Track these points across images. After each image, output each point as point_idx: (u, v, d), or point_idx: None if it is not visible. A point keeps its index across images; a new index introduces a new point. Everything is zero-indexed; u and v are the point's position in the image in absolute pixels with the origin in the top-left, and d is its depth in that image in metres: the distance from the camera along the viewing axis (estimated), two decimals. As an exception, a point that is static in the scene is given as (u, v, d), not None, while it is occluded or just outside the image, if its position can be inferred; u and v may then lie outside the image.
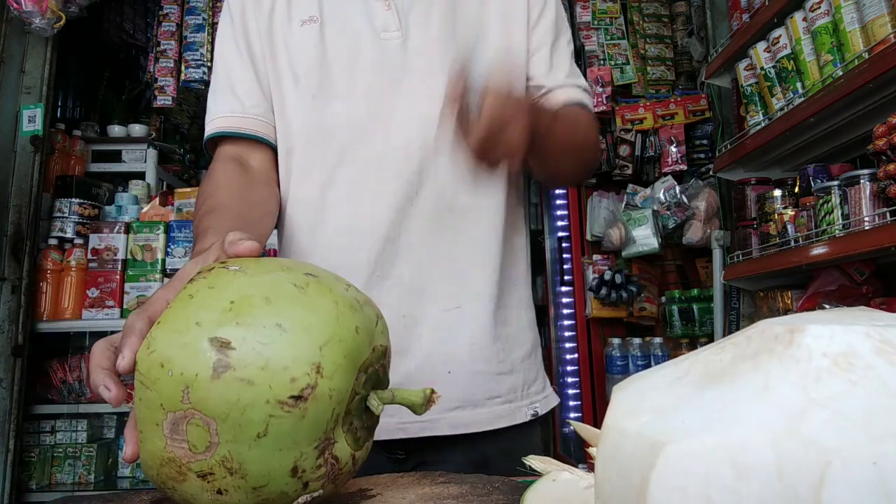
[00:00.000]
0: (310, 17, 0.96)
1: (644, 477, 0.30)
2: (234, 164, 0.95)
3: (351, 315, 0.51)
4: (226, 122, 0.97)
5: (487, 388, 0.94)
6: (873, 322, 0.31)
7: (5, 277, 2.43)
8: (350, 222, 0.93)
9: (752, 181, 2.40)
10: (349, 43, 0.95)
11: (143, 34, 3.58)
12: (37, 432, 2.61)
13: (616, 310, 3.11)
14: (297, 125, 0.97)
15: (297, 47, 0.96)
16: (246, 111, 0.97)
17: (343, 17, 0.96)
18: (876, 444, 0.25)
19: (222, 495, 0.47)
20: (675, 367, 0.36)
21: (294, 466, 0.47)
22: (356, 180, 0.94)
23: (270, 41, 0.98)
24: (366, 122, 0.94)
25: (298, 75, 0.96)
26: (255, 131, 0.97)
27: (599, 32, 3.30)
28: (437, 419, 0.91)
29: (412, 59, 0.95)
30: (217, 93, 0.99)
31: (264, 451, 0.45)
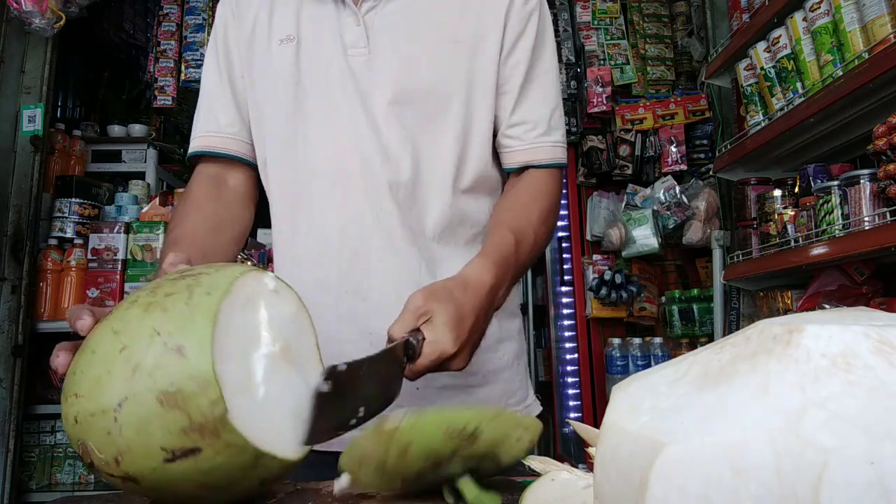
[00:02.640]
0: (287, 36, 0.97)
1: (643, 476, 0.30)
2: (209, 184, 0.99)
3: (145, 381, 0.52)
4: (203, 142, 1.01)
5: (457, 401, 0.95)
6: (872, 322, 0.31)
7: (5, 277, 2.43)
8: (319, 237, 0.95)
9: (752, 181, 2.40)
10: (321, 62, 0.96)
11: (143, 34, 3.58)
12: (37, 432, 2.61)
13: (616, 310, 3.11)
14: (271, 142, 0.99)
15: (274, 66, 0.98)
16: (221, 130, 1.01)
17: (317, 36, 0.97)
18: (874, 444, 0.25)
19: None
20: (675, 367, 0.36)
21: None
22: (325, 196, 0.95)
23: (250, 59, 1.00)
24: (333, 140, 0.95)
25: (273, 95, 0.98)
26: (230, 150, 1.01)
27: (599, 32, 3.30)
28: None
29: (376, 76, 0.94)
30: (199, 111, 1.04)
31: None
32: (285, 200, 0.99)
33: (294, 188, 0.97)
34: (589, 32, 3.28)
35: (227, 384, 0.52)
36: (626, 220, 2.98)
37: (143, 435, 0.51)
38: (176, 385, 0.51)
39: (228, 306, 0.55)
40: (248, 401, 0.53)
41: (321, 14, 0.97)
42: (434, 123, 0.95)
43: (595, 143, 3.15)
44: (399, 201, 0.94)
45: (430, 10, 0.96)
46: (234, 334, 0.55)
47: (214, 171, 1.01)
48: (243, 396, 0.53)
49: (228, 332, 0.54)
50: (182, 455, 0.51)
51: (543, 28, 1.01)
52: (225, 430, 0.51)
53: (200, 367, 0.51)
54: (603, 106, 3.11)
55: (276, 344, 0.58)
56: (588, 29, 3.29)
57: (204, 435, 0.51)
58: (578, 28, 3.30)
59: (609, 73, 3.16)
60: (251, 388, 0.54)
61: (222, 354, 0.53)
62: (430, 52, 0.95)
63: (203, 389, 0.51)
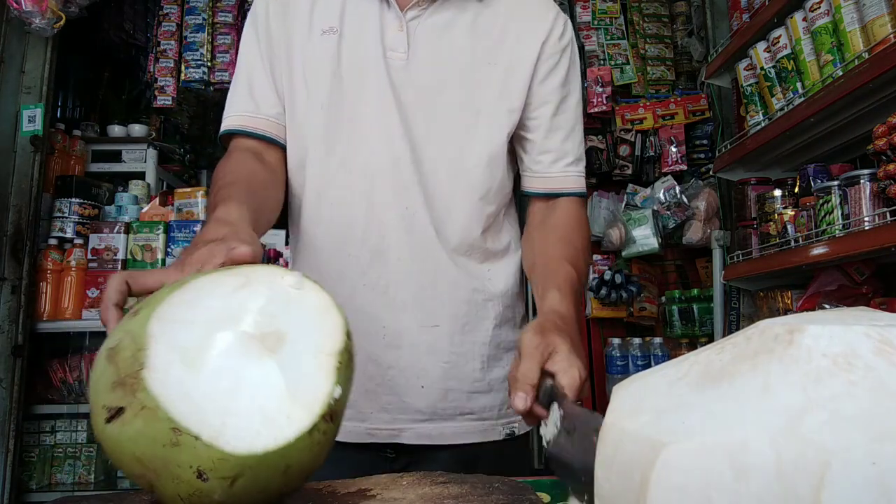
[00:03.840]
0: (330, 28, 0.98)
1: (644, 476, 0.30)
2: (251, 154, 0.97)
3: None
4: (240, 121, 1.00)
5: (458, 405, 0.97)
6: (873, 322, 0.31)
7: (5, 277, 2.43)
8: (343, 229, 0.96)
9: (752, 181, 2.40)
10: (360, 57, 0.98)
11: (143, 34, 3.57)
12: (37, 432, 2.61)
13: (616, 310, 3.11)
14: (306, 130, 0.99)
15: (314, 56, 0.98)
16: (259, 112, 0.99)
17: (360, 31, 0.98)
18: (875, 444, 0.25)
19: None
20: (675, 367, 0.36)
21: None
22: (352, 190, 0.96)
23: (288, 46, 1.00)
24: (365, 135, 0.97)
25: (311, 84, 0.98)
26: (266, 132, 1.00)
27: (599, 32, 3.30)
28: (405, 429, 0.95)
29: (411, 81, 0.97)
30: (236, 92, 1.02)
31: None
32: (311, 191, 0.99)
33: (321, 178, 0.98)
34: (589, 32, 3.28)
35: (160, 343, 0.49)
36: (626, 220, 2.98)
37: (94, 393, 0.51)
38: (117, 340, 0.51)
39: (211, 282, 0.55)
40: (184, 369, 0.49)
41: (366, 10, 0.99)
42: (462, 134, 0.99)
43: (595, 143, 3.15)
44: (424, 203, 0.96)
45: (472, 30, 1.00)
46: (205, 305, 0.53)
47: (253, 147, 0.99)
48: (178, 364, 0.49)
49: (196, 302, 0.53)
50: (113, 415, 0.49)
51: (574, 62, 1.07)
52: (140, 387, 0.47)
53: (140, 323, 0.50)
54: (603, 106, 3.11)
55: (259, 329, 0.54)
56: (588, 29, 3.29)
57: (125, 391, 0.48)
58: (578, 28, 3.30)
59: (609, 73, 3.16)
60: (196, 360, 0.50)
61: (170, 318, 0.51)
62: (465, 70, 0.99)
63: (132, 342, 0.49)
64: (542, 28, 1.02)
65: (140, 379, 0.47)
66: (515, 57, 1.01)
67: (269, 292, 0.56)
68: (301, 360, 0.54)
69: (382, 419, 0.95)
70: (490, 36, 1.00)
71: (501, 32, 1.01)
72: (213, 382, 0.49)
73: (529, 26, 1.02)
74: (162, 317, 0.51)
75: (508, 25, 1.01)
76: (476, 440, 0.97)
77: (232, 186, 0.85)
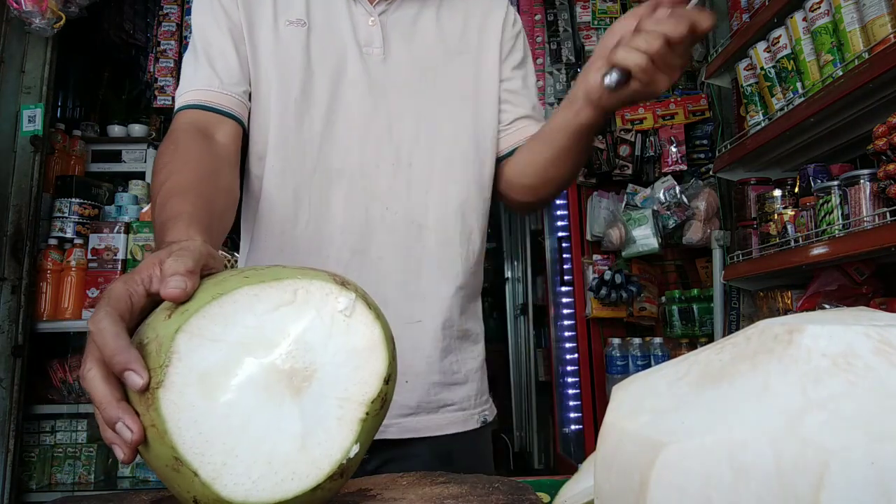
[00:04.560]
0: (297, 20, 0.97)
1: (644, 476, 0.30)
2: (199, 136, 0.88)
3: None
4: (202, 96, 0.92)
5: (441, 397, 0.99)
6: (873, 322, 0.31)
7: (5, 277, 2.43)
8: (320, 229, 0.95)
9: (752, 181, 2.40)
10: (334, 53, 0.97)
11: (143, 34, 3.58)
12: (37, 432, 2.61)
13: (616, 310, 3.11)
14: (273, 125, 0.95)
15: (282, 47, 0.96)
16: (224, 87, 0.93)
17: (330, 25, 0.97)
18: (875, 444, 0.25)
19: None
20: (675, 367, 0.36)
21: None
22: (329, 190, 0.95)
23: (251, 33, 0.97)
24: (342, 135, 0.96)
25: (281, 76, 0.95)
26: (231, 109, 0.93)
27: (599, 32, 3.30)
28: (391, 424, 0.95)
29: (391, 77, 0.98)
30: (194, 65, 0.95)
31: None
32: (286, 189, 0.95)
33: (297, 178, 0.95)
34: (589, 32, 3.28)
35: (183, 361, 0.46)
36: (626, 220, 2.98)
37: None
38: (146, 340, 0.48)
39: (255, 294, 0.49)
40: (200, 394, 0.46)
41: (333, 4, 0.98)
42: (445, 127, 1.00)
43: (595, 143, 3.15)
44: (405, 200, 0.96)
45: (437, 22, 1.03)
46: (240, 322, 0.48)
47: (203, 121, 0.91)
48: (196, 387, 0.46)
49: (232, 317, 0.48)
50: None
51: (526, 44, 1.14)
52: (153, 405, 0.45)
53: (169, 329, 0.47)
54: (603, 106, 3.10)
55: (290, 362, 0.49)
56: (588, 29, 3.29)
57: (141, 401, 0.46)
58: (578, 28, 3.30)
59: (609, 73, 3.15)
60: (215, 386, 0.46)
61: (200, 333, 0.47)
62: (441, 61, 1.01)
63: (156, 351, 0.46)
64: (498, 15, 1.08)
65: (156, 397, 0.45)
66: (482, 44, 1.05)
67: (313, 315, 0.50)
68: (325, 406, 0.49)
69: None
70: (455, 26, 1.04)
71: (464, 22, 1.05)
72: (225, 415, 0.46)
73: (486, 14, 1.08)
74: (192, 331, 0.47)
75: (469, 14, 1.06)
76: (458, 430, 0.99)
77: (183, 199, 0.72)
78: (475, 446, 1.02)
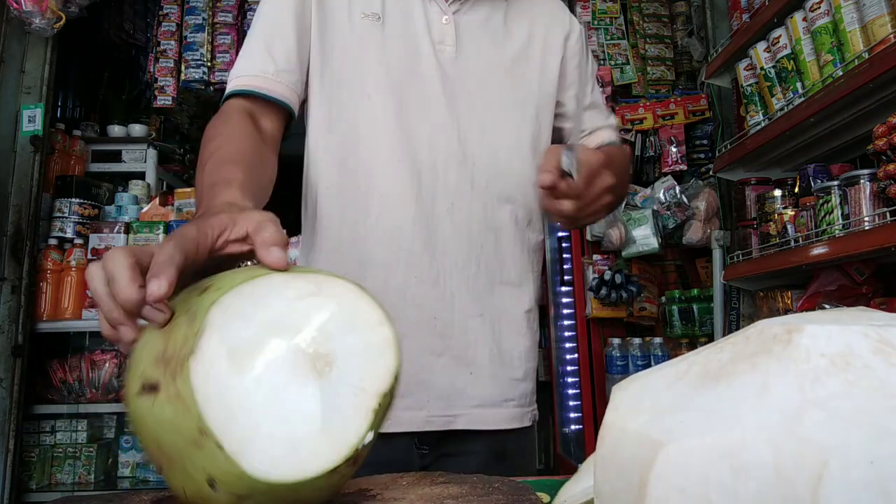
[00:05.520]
0: (372, 13, 0.98)
1: (643, 476, 0.30)
2: (248, 119, 0.91)
3: None
4: (255, 81, 0.93)
5: (503, 392, 1.01)
6: (871, 322, 0.31)
7: (5, 277, 2.43)
8: (392, 222, 0.96)
9: (752, 181, 2.40)
10: (408, 48, 0.98)
11: (143, 34, 3.58)
12: (37, 432, 2.61)
13: (616, 310, 3.11)
14: (341, 118, 0.97)
15: (357, 41, 0.97)
16: (279, 74, 0.94)
17: (405, 20, 0.99)
18: (873, 443, 0.25)
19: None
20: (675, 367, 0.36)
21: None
22: (400, 182, 0.96)
23: (323, 23, 0.97)
24: (414, 129, 0.97)
25: (355, 69, 0.97)
26: (282, 96, 0.94)
27: (599, 32, 3.30)
28: (460, 415, 0.97)
29: (461, 75, 1.00)
30: (251, 48, 0.96)
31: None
32: (355, 181, 0.96)
33: (367, 171, 0.96)
34: (589, 32, 3.28)
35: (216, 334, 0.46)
36: (626, 220, 2.98)
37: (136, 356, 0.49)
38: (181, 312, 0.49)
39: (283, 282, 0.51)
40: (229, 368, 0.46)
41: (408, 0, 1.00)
42: (509, 128, 1.03)
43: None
44: (470, 196, 0.99)
45: (506, 26, 1.06)
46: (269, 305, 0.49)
47: (251, 108, 0.93)
48: (225, 360, 0.46)
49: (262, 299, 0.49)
50: (147, 389, 0.47)
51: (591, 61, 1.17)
52: (182, 373, 0.45)
53: (204, 306, 0.48)
54: (603, 106, 3.11)
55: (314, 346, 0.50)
56: (588, 29, 3.29)
57: (167, 370, 0.46)
58: (578, 28, 3.30)
59: (609, 73, 3.16)
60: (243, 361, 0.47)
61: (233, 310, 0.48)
62: (508, 63, 1.04)
63: (189, 322, 0.47)
64: (563, 26, 1.11)
65: (185, 365, 0.45)
66: (545, 51, 1.08)
67: (335, 308, 0.52)
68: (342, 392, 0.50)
69: (439, 406, 0.97)
70: (521, 33, 1.06)
71: (530, 29, 1.07)
72: (251, 391, 0.46)
73: (552, 23, 1.10)
74: (226, 306, 0.48)
75: (535, 22, 1.08)
76: (516, 426, 1.02)
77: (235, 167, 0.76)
78: (525, 445, 1.05)
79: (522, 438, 1.04)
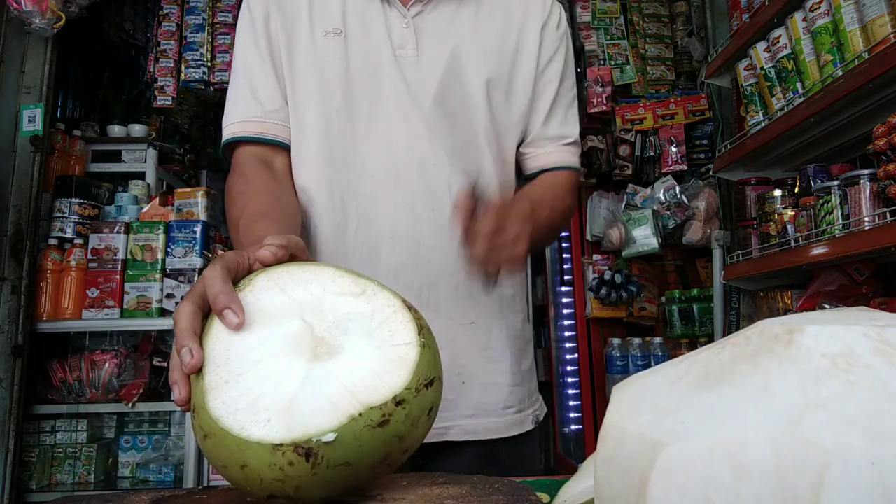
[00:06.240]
0: (333, 29, 0.97)
1: (644, 477, 0.30)
2: (262, 166, 0.95)
3: None
4: (248, 127, 0.97)
5: (500, 399, 0.99)
6: (873, 322, 0.31)
7: (5, 277, 2.43)
8: (370, 236, 0.95)
9: (752, 181, 2.40)
10: (370, 58, 0.97)
11: (143, 34, 3.57)
12: (37, 432, 2.61)
13: (616, 310, 3.11)
14: (317, 136, 0.97)
15: (321, 59, 0.97)
16: (267, 115, 0.97)
17: (365, 31, 0.98)
18: (875, 444, 0.25)
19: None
20: (675, 367, 0.36)
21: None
22: (374, 195, 0.96)
23: (289, 47, 0.98)
24: (383, 140, 0.96)
25: (321, 88, 0.97)
26: (278, 136, 0.98)
27: (599, 32, 3.30)
28: (452, 426, 0.96)
29: (424, 78, 0.97)
30: (237, 95, 0.99)
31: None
32: (334, 199, 0.97)
33: (344, 186, 0.96)
34: (589, 32, 3.28)
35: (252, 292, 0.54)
36: (626, 220, 2.98)
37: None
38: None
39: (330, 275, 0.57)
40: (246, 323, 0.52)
41: (368, 10, 0.98)
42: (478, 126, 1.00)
43: (595, 143, 3.15)
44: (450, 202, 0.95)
45: (475, 21, 1.02)
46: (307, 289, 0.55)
47: (261, 154, 0.97)
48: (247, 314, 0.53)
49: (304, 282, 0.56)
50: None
51: (570, 49, 1.10)
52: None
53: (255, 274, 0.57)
54: (603, 106, 3.11)
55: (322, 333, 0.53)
56: (588, 29, 3.29)
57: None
58: (578, 28, 3.30)
59: (609, 73, 3.16)
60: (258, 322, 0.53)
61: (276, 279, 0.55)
62: (476, 61, 1.00)
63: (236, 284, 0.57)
64: (541, 15, 1.06)
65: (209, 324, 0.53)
66: (520, 46, 1.03)
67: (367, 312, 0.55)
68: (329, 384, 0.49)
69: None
70: (493, 26, 1.02)
71: (503, 22, 1.03)
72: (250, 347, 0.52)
73: (528, 14, 1.05)
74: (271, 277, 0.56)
75: (509, 14, 1.04)
76: (513, 433, 1.00)
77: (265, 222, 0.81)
78: (519, 445, 1.02)
79: (522, 444, 1.01)
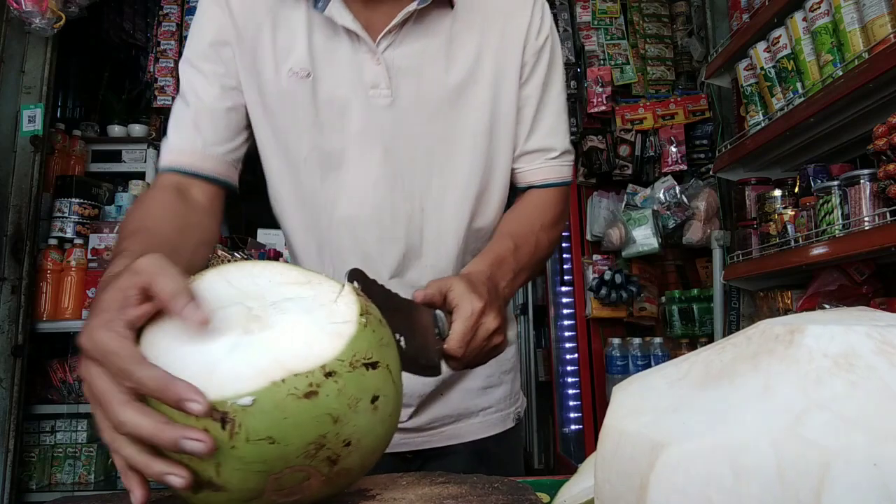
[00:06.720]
0: (301, 69, 0.90)
1: (644, 477, 0.30)
2: (172, 192, 0.89)
3: None
4: (184, 158, 0.91)
5: (477, 402, 1.01)
6: (874, 322, 0.31)
7: (5, 277, 2.43)
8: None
9: (752, 181, 2.40)
10: (341, 102, 0.91)
11: (143, 34, 3.57)
12: (37, 432, 2.61)
13: (616, 310, 3.11)
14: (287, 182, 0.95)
15: (286, 102, 0.91)
16: (206, 148, 0.91)
17: (334, 72, 0.91)
18: (877, 445, 0.25)
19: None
20: (676, 367, 0.36)
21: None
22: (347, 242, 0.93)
23: (257, 83, 0.92)
24: (355, 187, 0.92)
25: (290, 134, 0.92)
26: (211, 172, 0.92)
27: (599, 32, 3.29)
28: (437, 433, 0.98)
29: (399, 123, 0.91)
30: (180, 119, 0.93)
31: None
32: (309, 244, 0.96)
33: (316, 233, 0.95)
34: (589, 32, 3.28)
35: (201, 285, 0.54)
36: (626, 220, 2.98)
37: None
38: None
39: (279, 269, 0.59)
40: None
41: (336, 48, 0.91)
42: (459, 164, 0.95)
43: (595, 143, 3.15)
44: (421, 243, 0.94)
45: (449, 49, 0.93)
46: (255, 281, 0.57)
47: (179, 182, 0.91)
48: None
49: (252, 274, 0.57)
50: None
51: (555, 53, 1.02)
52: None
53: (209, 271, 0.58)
54: (603, 106, 3.11)
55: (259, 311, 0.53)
56: (588, 29, 3.29)
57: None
58: (578, 28, 3.30)
59: (609, 73, 3.16)
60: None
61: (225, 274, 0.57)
62: (453, 94, 0.93)
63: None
64: (521, 25, 0.97)
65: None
66: (499, 69, 0.96)
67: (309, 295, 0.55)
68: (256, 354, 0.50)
69: (413, 426, 0.97)
70: (469, 53, 0.94)
71: (479, 43, 0.95)
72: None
73: (507, 28, 0.96)
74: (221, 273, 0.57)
75: (486, 34, 0.95)
76: (496, 431, 1.02)
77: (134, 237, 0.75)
78: (508, 443, 1.05)
79: (503, 441, 1.03)
